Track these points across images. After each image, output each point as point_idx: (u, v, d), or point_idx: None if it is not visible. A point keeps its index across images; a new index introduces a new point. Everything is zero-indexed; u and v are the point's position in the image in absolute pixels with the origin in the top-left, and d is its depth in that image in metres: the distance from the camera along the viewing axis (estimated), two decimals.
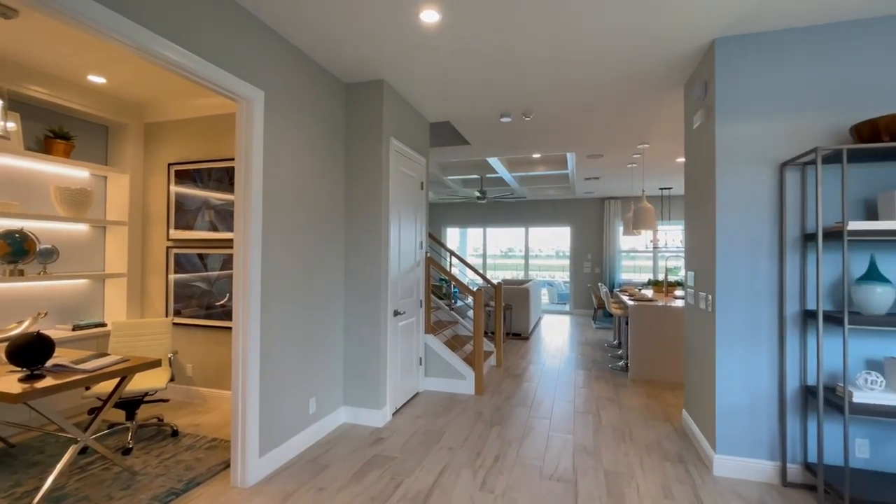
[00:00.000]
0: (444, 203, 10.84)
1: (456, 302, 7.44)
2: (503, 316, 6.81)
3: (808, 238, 2.45)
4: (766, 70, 2.54)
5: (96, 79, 3.25)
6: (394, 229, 3.49)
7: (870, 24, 2.39)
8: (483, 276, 5.52)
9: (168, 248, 3.79)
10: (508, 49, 2.82)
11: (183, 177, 3.78)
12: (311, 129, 2.97)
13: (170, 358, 3.13)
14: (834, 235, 2.20)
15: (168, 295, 3.78)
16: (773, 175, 2.53)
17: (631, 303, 4.74)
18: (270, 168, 2.59)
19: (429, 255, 4.28)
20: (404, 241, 3.71)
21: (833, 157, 2.29)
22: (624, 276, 9.93)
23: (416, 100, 3.75)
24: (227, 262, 3.63)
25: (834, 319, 2.17)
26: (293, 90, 2.78)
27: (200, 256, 3.71)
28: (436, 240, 5.29)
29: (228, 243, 3.62)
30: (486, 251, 10.71)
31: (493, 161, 6.19)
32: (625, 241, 9.75)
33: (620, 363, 5.16)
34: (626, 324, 4.90)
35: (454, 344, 4.76)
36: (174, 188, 3.80)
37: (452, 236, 11.47)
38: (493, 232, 10.74)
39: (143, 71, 3.13)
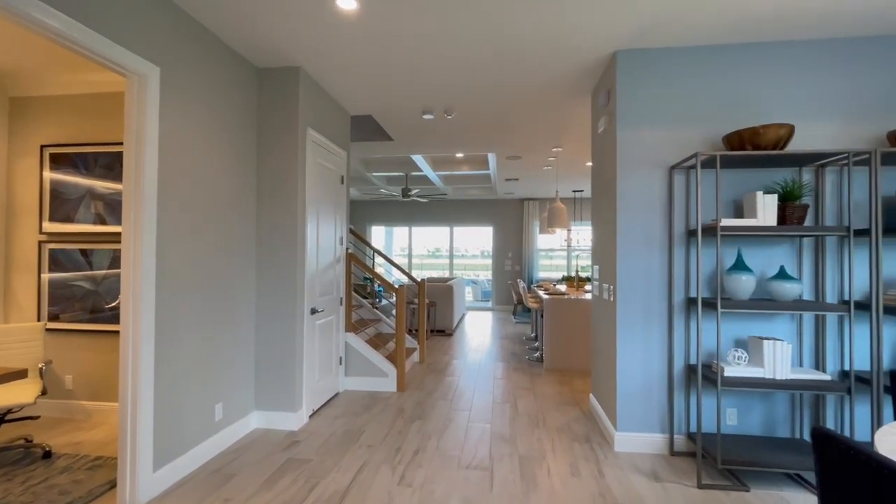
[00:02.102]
0: (369, 201, 10.65)
1: (380, 300, 7.34)
2: (427, 313, 6.86)
3: (691, 233, 2.76)
4: (659, 82, 2.83)
5: None
6: (311, 224, 3.35)
7: (740, 49, 2.75)
8: (408, 275, 5.51)
9: (41, 242, 3.29)
10: (428, 44, 2.83)
11: (61, 162, 3.29)
12: (218, 113, 2.75)
13: (41, 368, 2.72)
14: (711, 231, 2.50)
15: (41, 296, 3.28)
16: (664, 177, 2.82)
17: (546, 297, 5.02)
18: (168, 153, 2.35)
19: (350, 251, 4.17)
20: (323, 236, 3.58)
21: (710, 162, 2.61)
22: (542, 274, 10.49)
23: (336, 90, 3.63)
24: (119, 259, 3.23)
25: (711, 305, 2.47)
26: (196, 70, 2.55)
27: (84, 253, 3.26)
28: (359, 237, 5.18)
29: (119, 237, 3.23)
30: (412, 250, 10.72)
31: (418, 158, 6.21)
32: (542, 241, 10.31)
33: (536, 354, 5.44)
34: (542, 317, 5.18)
35: (377, 342, 4.69)
36: (49, 174, 3.30)
37: (378, 235, 11.31)
38: (418, 231, 10.76)
39: (8, 35, 2.67)
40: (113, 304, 3.22)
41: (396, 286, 4.13)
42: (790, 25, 2.54)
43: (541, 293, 5.62)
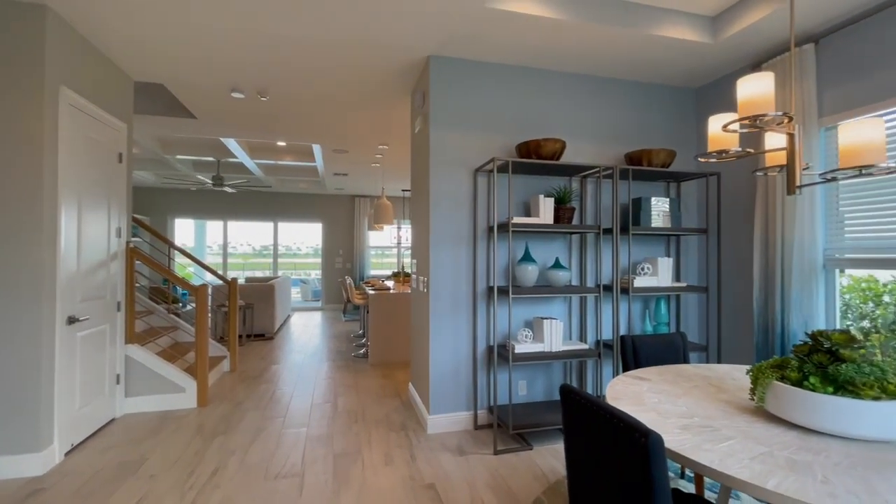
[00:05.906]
0: (173, 189, 9.07)
1: (184, 305, 6.31)
2: (243, 316, 6.19)
3: (490, 229, 3.10)
4: (466, 89, 3.09)
5: None
6: (69, 209, 2.64)
7: (529, 72, 3.20)
8: (217, 274, 4.86)
9: None
10: (223, 10, 2.52)
11: None
12: None
13: None
14: (505, 227, 2.85)
15: None
16: (470, 178, 3.10)
17: (372, 292, 5.04)
18: None
19: (133, 246, 3.44)
20: (89, 226, 2.86)
21: (505, 167, 2.97)
22: (374, 272, 10.55)
23: (109, 47, 2.95)
24: None
25: (505, 292, 2.82)
26: None
27: None
28: (153, 231, 4.34)
29: None
30: (237, 248, 9.55)
31: (231, 143, 5.53)
32: (374, 238, 10.37)
33: (362, 351, 5.42)
34: (368, 313, 5.19)
35: (173, 353, 4.00)
36: None
37: (186, 229, 9.72)
38: (238, 226, 9.63)
39: None
40: None
41: (198, 286, 3.57)
42: (558, 59, 3.06)
43: (367, 289, 5.62)
